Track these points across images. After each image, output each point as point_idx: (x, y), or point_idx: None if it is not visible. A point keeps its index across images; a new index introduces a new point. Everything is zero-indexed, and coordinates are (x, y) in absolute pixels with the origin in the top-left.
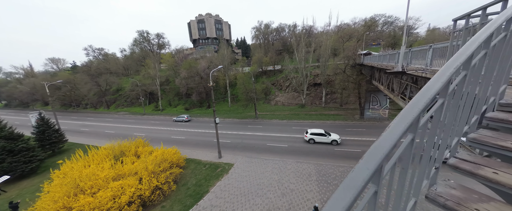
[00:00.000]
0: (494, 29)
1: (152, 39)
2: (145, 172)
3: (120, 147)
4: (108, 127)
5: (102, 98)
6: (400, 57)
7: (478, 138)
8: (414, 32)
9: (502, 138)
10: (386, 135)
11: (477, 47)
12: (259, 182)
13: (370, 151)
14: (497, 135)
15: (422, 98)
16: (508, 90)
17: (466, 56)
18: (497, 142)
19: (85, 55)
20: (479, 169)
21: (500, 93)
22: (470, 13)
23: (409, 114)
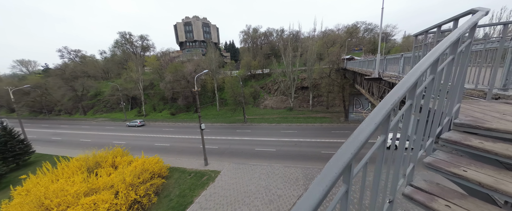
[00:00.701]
0: (438, 55)
1: (135, 41)
2: (122, 184)
3: (95, 158)
4: (84, 135)
5: (78, 104)
6: (376, 64)
7: (433, 162)
8: (391, 39)
9: (455, 163)
10: (353, 137)
11: (424, 71)
12: (246, 190)
13: (339, 152)
14: (451, 158)
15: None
16: (464, 107)
17: (411, 83)
18: (450, 169)
19: (59, 57)
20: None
21: (454, 112)
22: (427, 29)
23: (377, 116)
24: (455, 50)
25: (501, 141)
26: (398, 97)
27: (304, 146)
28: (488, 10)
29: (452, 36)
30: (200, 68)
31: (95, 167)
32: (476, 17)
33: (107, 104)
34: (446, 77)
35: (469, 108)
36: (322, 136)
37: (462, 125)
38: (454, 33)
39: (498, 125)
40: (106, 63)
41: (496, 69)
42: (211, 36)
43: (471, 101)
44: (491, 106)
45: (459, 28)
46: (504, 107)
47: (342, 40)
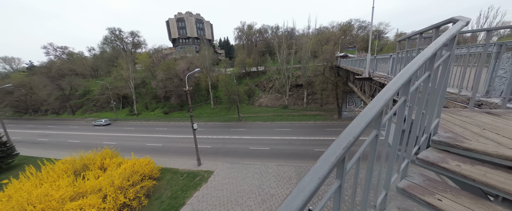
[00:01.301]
0: (410, 75)
1: (125, 37)
2: (111, 188)
3: (83, 160)
4: (72, 136)
5: (65, 103)
6: (367, 64)
7: (406, 188)
8: (384, 37)
9: (431, 189)
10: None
11: (394, 93)
12: (239, 189)
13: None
14: (427, 183)
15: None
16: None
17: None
18: (424, 197)
19: (44, 54)
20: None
21: (433, 127)
22: (410, 36)
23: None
24: (431, 66)
25: (479, 163)
26: (361, 128)
27: (297, 144)
28: (468, 20)
29: (427, 52)
30: (193, 66)
31: (82, 170)
32: (455, 28)
33: (96, 103)
34: (423, 94)
35: (450, 119)
36: (316, 134)
37: (441, 142)
38: (429, 49)
39: (477, 144)
40: (95, 61)
41: (479, 77)
42: (205, 33)
43: (452, 111)
44: (473, 116)
45: (434, 43)
46: (486, 118)
47: (336, 38)
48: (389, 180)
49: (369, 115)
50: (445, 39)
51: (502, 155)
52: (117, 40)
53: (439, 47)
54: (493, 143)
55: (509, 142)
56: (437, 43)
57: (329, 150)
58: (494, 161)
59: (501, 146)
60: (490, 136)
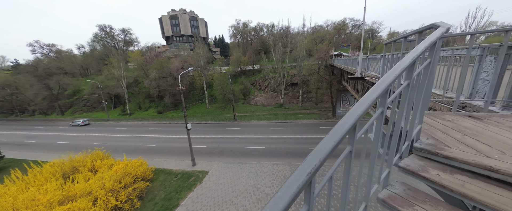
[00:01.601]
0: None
1: (116, 35)
2: (102, 190)
3: (72, 162)
4: (61, 137)
5: (54, 103)
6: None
7: (386, 199)
8: (377, 36)
9: (410, 199)
10: (311, 157)
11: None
12: (234, 189)
13: (295, 174)
14: (407, 192)
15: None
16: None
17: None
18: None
19: (30, 52)
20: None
21: (415, 133)
22: (395, 39)
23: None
24: (410, 74)
25: (459, 172)
26: (330, 149)
27: (292, 142)
28: (449, 27)
29: (405, 61)
30: (188, 64)
31: (71, 173)
32: (435, 35)
33: (87, 103)
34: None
35: (433, 123)
36: (311, 132)
37: (422, 150)
38: (407, 58)
39: (457, 152)
40: (85, 59)
41: (462, 81)
42: (199, 31)
43: (436, 115)
44: (456, 120)
45: (413, 51)
46: (468, 122)
47: (330, 36)
48: (369, 191)
49: (339, 133)
50: (424, 47)
51: (480, 164)
52: (108, 37)
53: (417, 56)
54: (473, 151)
55: (488, 150)
56: (415, 52)
57: (293, 176)
58: (472, 170)
59: (479, 154)
60: (471, 143)
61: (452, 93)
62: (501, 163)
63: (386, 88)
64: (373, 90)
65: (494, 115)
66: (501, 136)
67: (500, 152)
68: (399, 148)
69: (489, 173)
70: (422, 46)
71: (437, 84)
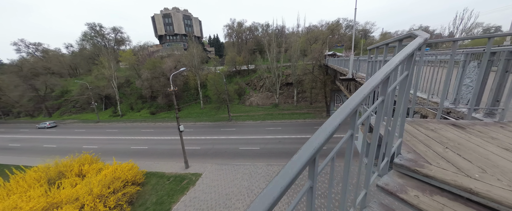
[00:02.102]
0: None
1: (107, 33)
2: (89, 196)
3: (58, 167)
4: (48, 140)
5: (41, 105)
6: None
7: None
8: (370, 36)
9: None
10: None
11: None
12: (228, 192)
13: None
14: None
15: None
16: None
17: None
18: None
19: (15, 51)
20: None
21: (396, 147)
22: (377, 46)
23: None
24: (385, 90)
25: (439, 192)
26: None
27: (287, 142)
28: (427, 37)
29: (377, 77)
30: (181, 64)
31: (58, 178)
32: (411, 47)
33: (76, 104)
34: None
35: (416, 133)
36: (305, 132)
37: (402, 166)
38: (380, 73)
39: (436, 170)
40: (73, 58)
41: (445, 90)
42: (193, 30)
43: (419, 123)
44: (439, 130)
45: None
46: (451, 132)
47: (324, 37)
48: None
49: (294, 169)
50: (399, 61)
51: (460, 186)
52: (98, 36)
53: (390, 71)
54: (453, 168)
55: (469, 167)
56: (389, 66)
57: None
58: (452, 190)
59: (460, 172)
60: (452, 158)
61: (437, 98)
62: (481, 184)
63: (355, 108)
64: (342, 111)
65: (477, 123)
66: (483, 149)
67: (481, 170)
68: (377, 167)
69: (469, 195)
70: (396, 59)
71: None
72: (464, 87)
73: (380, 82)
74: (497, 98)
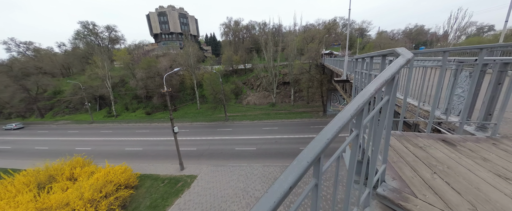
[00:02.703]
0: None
1: (100, 32)
2: (80, 201)
3: (48, 170)
4: (40, 142)
5: (32, 105)
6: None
7: None
8: (367, 35)
9: None
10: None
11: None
12: (223, 194)
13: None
14: None
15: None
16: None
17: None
18: None
19: (5, 51)
20: None
21: (381, 173)
22: (363, 56)
23: None
24: (359, 123)
25: None
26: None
27: (284, 142)
28: (410, 58)
29: (350, 109)
30: (177, 63)
31: (48, 182)
32: (390, 71)
33: (69, 104)
34: (354, 153)
35: (404, 151)
36: (302, 132)
37: (385, 198)
38: (353, 105)
39: (422, 205)
40: (66, 58)
41: (435, 104)
42: (189, 29)
43: (408, 138)
44: (428, 147)
45: (360, 96)
46: (440, 151)
47: (320, 36)
48: None
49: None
50: (375, 90)
51: None
52: (91, 35)
53: (364, 103)
54: (441, 203)
55: (458, 201)
56: (363, 97)
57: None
58: None
59: (447, 209)
60: (440, 188)
61: (428, 106)
62: None
63: (316, 158)
64: (311, 149)
65: (469, 139)
66: (474, 175)
67: (471, 207)
68: (358, 198)
69: None
70: (372, 88)
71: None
72: (456, 97)
73: (351, 117)
74: (490, 111)
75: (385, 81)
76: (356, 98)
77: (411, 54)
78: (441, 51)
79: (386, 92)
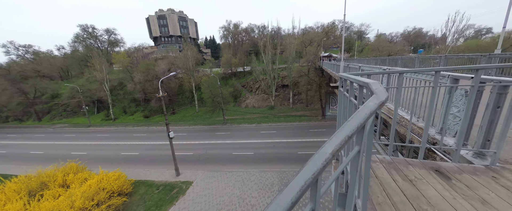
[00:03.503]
0: None
1: (99, 35)
2: (71, 210)
3: (40, 177)
4: (35, 146)
5: (30, 109)
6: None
7: None
8: (365, 37)
9: None
10: None
11: None
12: (219, 201)
13: None
14: None
15: None
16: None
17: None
18: None
19: (4, 54)
20: None
21: None
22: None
23: None
24: (314, 195)
25: None
26: None
27: (282, 147)
28: (383, 101)
29: (307, 173)
30: (175, 66)
31: (40, 189)
32: (358, 120)
33: (67, 108)
34: None
35: (391, 187)
36: (300, 136)
37: None
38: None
39: None
40: (65, 61)
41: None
42: (189, 31)
43: (398, 166)
44: (419, 182)
45: (312, 163)
46: (433, 187)
47: (319, 39)
48: None
49: None
50: (331, 154)
51: None
52: (91, 38)
53: (319, 171)
54: None
55: None
56: (315, 166)
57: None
58: None
59: None
60: None
61: (423, 122)
62: None
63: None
64: None
65: (465, 170)
66: None
67: None
68: None
69: None
70: (329, 149)
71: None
72: (451, 116)
73: (304, 189)
74: (488, 137)
75: (353, 133)
76: (311, 162)
77: (385, 96)
78: (434, 71)
79: (357, 142)
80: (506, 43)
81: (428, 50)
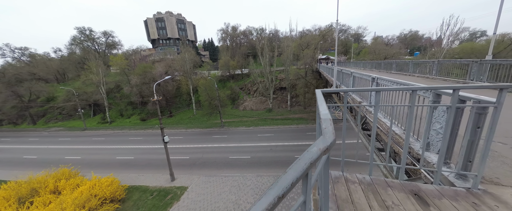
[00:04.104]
0: None
1: (97, 37)
2: None
3: (31, 183)
4: (29, 150)
5: (24, 112)
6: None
7: None
8: (362, 40)
9: None
10: None
11: None
12: (214, 207)
13: None
14: None
15: None
16: (361, 200)
17: None
18: None
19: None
20: None
21: None
22: None
23: None
24: None
25: None
26: None
27: (279, 150)
28: (327, 146)
29: None
30: (172, 69)
31: (30, 196)
32: (300, 168)
33: (62, 111)
34: None
35: None
36: (297, 139)
37: None
38: None
39: None
40: (61, 63)
41: (406, 149)
42: (187, 34)
43: (376, 189)
44: (396, 209)
45: None
46: None
47: (316, 42)
48: None
49: None
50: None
51: None
52: (88, 40)
53: None
54: None
55: None
56: None
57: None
58: None
59: None
60: None
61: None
62: None
63: None
64: None
65: (446, 193)
66: None
67: None
68: None
69: None
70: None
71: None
72: (434, 132)
73: None
74: (469, 158)
75: (278, 199)
76: None
77: (331, 139)
78: (411, 90)
79: (303, 192)
80: (500, 46)
81: (424, 53)
